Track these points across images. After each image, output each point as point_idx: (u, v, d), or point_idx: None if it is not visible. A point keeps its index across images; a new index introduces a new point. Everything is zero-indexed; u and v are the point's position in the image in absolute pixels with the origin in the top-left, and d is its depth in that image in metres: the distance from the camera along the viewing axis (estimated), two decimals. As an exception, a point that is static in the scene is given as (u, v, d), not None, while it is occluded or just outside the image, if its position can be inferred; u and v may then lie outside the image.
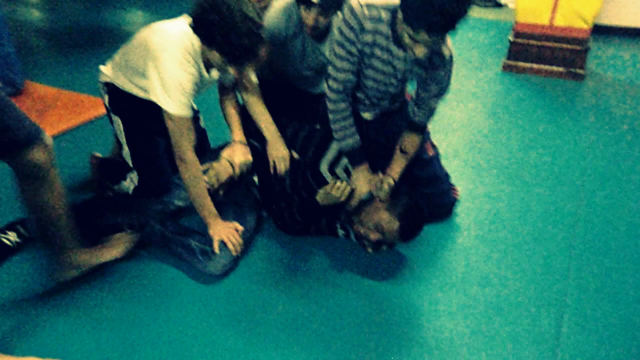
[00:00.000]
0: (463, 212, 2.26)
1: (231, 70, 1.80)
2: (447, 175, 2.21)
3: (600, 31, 4.62)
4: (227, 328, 1.64)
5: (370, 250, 1.94)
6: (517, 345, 1.62)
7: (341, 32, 1.75)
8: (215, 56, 1.70)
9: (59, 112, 2.72)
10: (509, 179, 2.51)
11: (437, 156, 2.18)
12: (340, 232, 2.04)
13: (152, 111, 1.80)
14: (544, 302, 1.79)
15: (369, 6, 1.69)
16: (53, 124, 2.61)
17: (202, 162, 1.94)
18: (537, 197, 2.37)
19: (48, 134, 1.52)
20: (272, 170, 2.03)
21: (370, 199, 1.94)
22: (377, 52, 1.77)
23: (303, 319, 1.69)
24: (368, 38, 1.74)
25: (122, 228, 1.95)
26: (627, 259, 2.00)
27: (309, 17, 1.94)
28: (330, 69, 1.84)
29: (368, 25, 1.71)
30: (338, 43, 1.78)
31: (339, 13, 2.06)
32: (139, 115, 1.96)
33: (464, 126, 3.05)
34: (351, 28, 1.72)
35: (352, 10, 1.70)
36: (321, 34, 2.08)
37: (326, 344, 1.60)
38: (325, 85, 1.90)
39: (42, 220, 1.60)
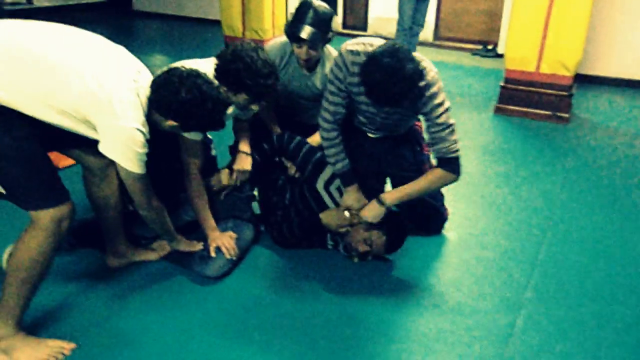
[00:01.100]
0: (445, 231, 2.52)
1: (254, 107, 2.12)
2: (442, 195, 2.46)
3: (585, 80, 4.96)
4: (221, 326, 1.89)
5: (356, 260, 2.21)
6: (472, 339, 1.85)
7: (332, 71, 2.07)
8: (241, 98, 2.04)
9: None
10: (487, 206, 2.78)
11: None
12: (330, 243, 2.32)
13: (168, 135, 2.12)
14: (504, 305, 2.03)
15: (352, 52, 1.99)
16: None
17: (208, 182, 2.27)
18: (511, 222, 2.63)
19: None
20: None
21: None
22: (363, 90, 2.06)
23: (291, 318, 1.94)
24: (354, 80, 2.01)
25: (138, 239, 2.25)
26: (582, 274, 2.23)
27: (302, 52, 2.32)
28: (324, 102, 2.15)
29: (353, 68, 2.00)
30: (330, 80, 2.10)
31: (327, 46, 2.42)
32: (156, 138, 2.26)
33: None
34: (339, 69, 2.04)
35: (340, 54, 2.03)
36: (313, 65, 2.45)
37: (309, 340, 1.85)
38: (319, 117, 2.21)
39: (99, 210, 2.01)
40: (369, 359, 1.76)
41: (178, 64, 2.24)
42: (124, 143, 1.67)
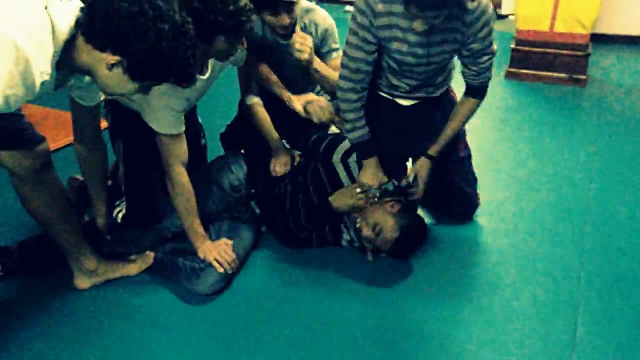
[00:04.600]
0: (477, 217, 2.18)
1: (240, 48, 1.70)
2: (475, 180, 2.14)
3: (601, 39, 4.60)
4: (218, 352, 1.55)
5: (371, 258, 1.88)
6: (530, 353, 1.53)
7: (354, 19, 1.71)
8: (219, 44, 1.58)
9: (48, 131, 2.66)
10: (516, 184, 2.44)
11: (468, 157, 2.11)
12: (345, 237, 1.96)
13: (153, 134, 1.74)
14: (557, 307, 1.70)
15: None
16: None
17: (196, 180, 1.91)
18: (545, 201, 2.30)
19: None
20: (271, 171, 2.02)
21: (380, 199, 1.88)
22: (398, 34, 1.69)
23: (303, 341, 1.60)
24: (383, 21, 1.67)
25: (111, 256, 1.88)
26: (637, 259, 1.91)
27: (282, 19, 1.87)
28: (343, 58, 1.80)
29: (380, 7, 1.65)
30: (352, 31, 1.73)
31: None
32: (141, 139, 1.83)
33: (469, 132, 2.97)
34: (363, 13, 1.67)
35: None
36: (291, 31, 1.99)
37: None
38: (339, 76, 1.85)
39: (43, 225, 1.64)
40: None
41: None
42: None
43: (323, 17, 2.06)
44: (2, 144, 1.46)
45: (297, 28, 2.02)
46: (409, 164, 2.15)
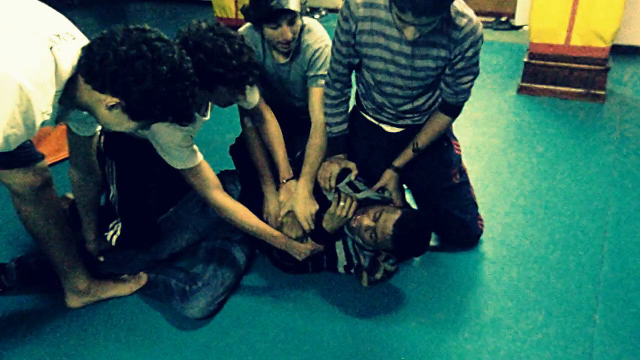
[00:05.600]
0: (481, 244, 2.07)
1: (240, 97, 1.67)
2: (475, 206, 2.04)
3: (620, 51, 4.44)
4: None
5: (365, 283, 1.79)
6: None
7: (338, 23, 1.71)
8: (221, 92, 1.58)
9: (58, 140, 2.64)
10: (528, 208, 2.32)
11: (464, 183, 2.01)
12: (341, 263, 1.86)
13: (149, 153, 1.69)
14: (568, 352, 1.58)
15: None
16: (47, 155, 2.50)
17: (190, 198, 1.87)
18: (559, 227, 2.18)
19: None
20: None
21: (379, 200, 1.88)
22: (380, 40, 1.65)
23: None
24: (365, 25, 1.65)
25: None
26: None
27: (285, 31, 1.82)
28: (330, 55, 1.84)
29: (361, 11, 1.63)
30: (335, 33, 1.73)
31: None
32: (135, 158, 1.79)
33: (478, 151, 2.88)
34: (345, 19, 1.67)
35: (346, 2, 1.66)
36: (294, 50, 1.95)
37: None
38: None
39: (40, 242, 1.62)
40: None
41: None
42: None
43: (318, 39, 1.95)
44: (2, 162, 1.45)
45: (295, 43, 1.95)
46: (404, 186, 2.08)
